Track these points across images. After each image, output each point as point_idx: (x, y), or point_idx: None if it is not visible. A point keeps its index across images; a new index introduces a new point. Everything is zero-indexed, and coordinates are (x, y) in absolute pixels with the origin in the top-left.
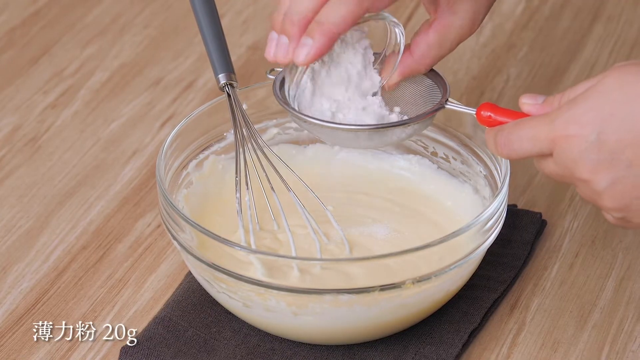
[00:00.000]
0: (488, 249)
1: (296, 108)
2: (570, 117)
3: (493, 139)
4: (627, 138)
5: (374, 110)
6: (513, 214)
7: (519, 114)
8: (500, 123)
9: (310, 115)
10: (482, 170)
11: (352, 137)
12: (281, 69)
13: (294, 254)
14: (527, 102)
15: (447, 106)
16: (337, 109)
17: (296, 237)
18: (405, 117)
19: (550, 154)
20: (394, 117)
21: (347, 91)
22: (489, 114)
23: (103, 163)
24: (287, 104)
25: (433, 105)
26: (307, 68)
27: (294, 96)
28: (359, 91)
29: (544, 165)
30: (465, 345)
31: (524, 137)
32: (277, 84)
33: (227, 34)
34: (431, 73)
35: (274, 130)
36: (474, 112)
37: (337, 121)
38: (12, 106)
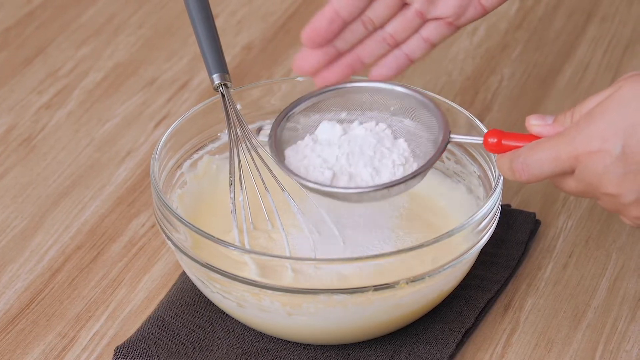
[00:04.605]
0: (482, 249)
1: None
2: (592, 132)
3: (508, 166)
4: None
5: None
6: (507, 213)
7: (529, 137)
8: (510, 148)
9: (316, 181)
10: (476, 170)
11: (361, 197)
12: (270, 125)
13: (288, 254)
14: (536, 123)
15: (452, 139)
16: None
17: (290, 237)
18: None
19: (572, 172)
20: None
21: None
22: (496, 140)
23: (97, 163)
24: (291, 171)
25: (434, 138)
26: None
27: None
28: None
29: (564, 184)
30: (459, 345)
31: (543, 160)
32: (274, 148)
33: (221, 34)
34: (425, 105)
35: (268, 131)
36: (481, 142)
37: (342, 185)
38: (7, 106)
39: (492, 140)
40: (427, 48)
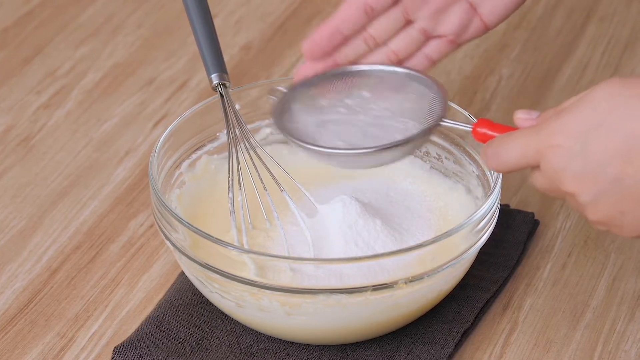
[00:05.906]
0: (481, 249)
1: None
2: (557, 127)
3: (484, 152)
4: (612, 148)
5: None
6: (506, 214)
7: (514, 129)
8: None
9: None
10: (475, 170)
11: (352, 160)
12: (286, 90)
13: (286, 253)
14: (522, 117)
15: (443, 123)
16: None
17: (289, 235)
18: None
19: (538, 166)
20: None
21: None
22: (484, 130)
23: (96, 163)
24: (292, 134)
25: (432, 115)
26: None
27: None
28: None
29: (534, 179)
30: (458, 345)
31: (512, 150)
32: (277, 115)
33: (220, 34)
34: (431, 82)
35: (267, 130)
36: (470, 129)
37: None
38: (5, 106)
39: (481, 130)
40: (428, 65)
